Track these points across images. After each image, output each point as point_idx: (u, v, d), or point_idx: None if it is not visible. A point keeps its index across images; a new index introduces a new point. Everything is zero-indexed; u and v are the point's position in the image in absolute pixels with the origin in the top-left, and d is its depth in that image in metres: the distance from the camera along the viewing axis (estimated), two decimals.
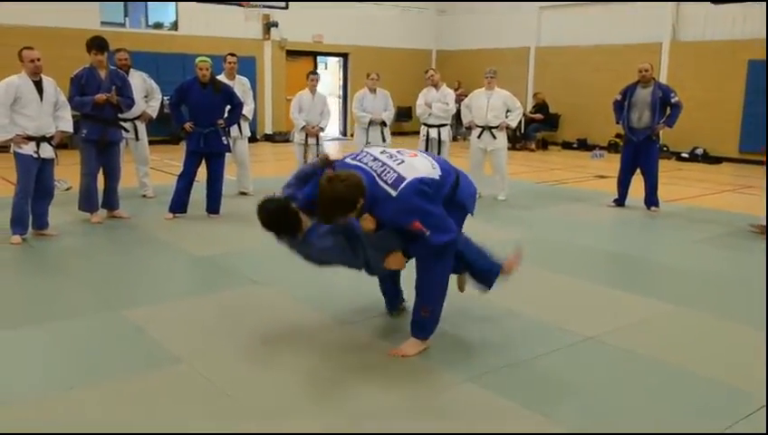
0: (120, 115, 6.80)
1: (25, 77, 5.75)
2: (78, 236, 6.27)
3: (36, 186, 5.93)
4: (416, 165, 3.41)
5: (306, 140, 8.52)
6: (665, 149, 13.88)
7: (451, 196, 3.51)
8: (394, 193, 3.27)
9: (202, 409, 3.01)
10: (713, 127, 13.25)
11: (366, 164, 3.42)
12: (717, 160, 13.15)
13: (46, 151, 5.90)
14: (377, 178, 3.33)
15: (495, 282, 3.96)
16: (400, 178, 3.30)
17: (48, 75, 5.97)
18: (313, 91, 8.57)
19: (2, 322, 4.03)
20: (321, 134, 8.71)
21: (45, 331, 3.93)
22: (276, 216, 3.47)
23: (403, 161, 3.41)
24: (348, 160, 3.55)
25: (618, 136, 14.66)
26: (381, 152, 3.53)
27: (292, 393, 3.16)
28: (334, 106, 15.75)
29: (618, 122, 8.16)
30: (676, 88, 8.12)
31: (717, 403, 3.17)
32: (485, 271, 3.93)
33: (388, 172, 3.33)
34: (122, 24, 14.03)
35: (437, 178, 3.41)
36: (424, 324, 3.64)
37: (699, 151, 13.49)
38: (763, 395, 3.19)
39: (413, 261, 3.66)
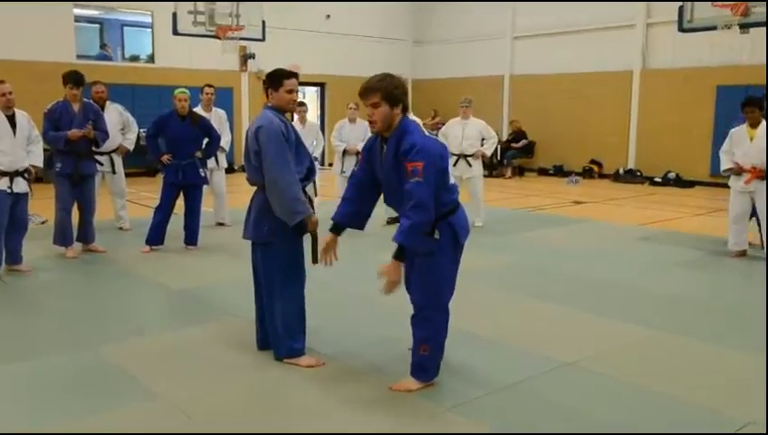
0: (96, 148, 6.77)
1: None
2: (53, 271, 6.18)
3: (10, 220, 5.85)
4: None
5: None
6: (638, 173, 14.14)
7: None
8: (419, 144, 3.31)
9: None
10: (684, 152, 13.50)
11: None
12: (690, 184, 13.38)
13: (20, 186, 5.83)
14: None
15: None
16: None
17: (22, 109, 5.94)
18: (303, 121, 8.63)
19: None
20: (316, 163, 8.72)
21: (19, 369, 3.85)
22: None
23: None
24: None
25: (593, 162, 14.94)
26: None
27: (267, 425, 3.12)
28: None
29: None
30: (647, 114, 8.27)
31: (698, 427, 3.18)
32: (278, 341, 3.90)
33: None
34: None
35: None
36: (423, 364, 3.52)
37: (672, 176, 13.72)
38: (743, 417, 3.22)
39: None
